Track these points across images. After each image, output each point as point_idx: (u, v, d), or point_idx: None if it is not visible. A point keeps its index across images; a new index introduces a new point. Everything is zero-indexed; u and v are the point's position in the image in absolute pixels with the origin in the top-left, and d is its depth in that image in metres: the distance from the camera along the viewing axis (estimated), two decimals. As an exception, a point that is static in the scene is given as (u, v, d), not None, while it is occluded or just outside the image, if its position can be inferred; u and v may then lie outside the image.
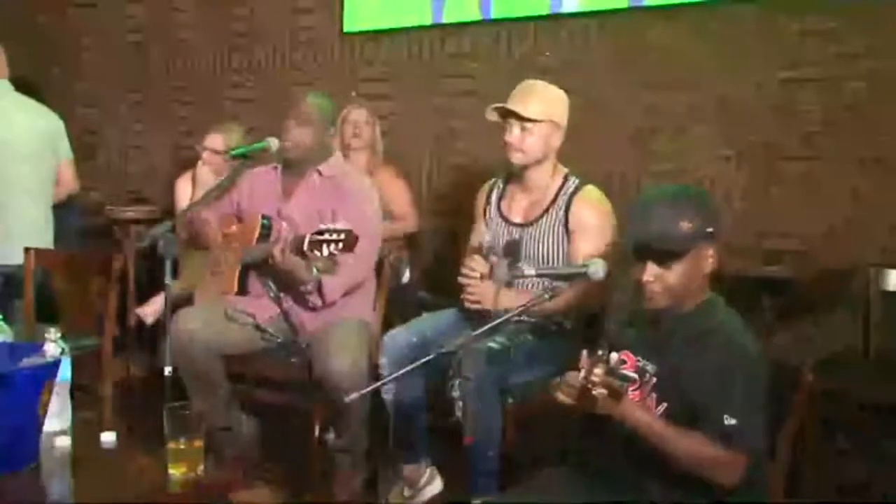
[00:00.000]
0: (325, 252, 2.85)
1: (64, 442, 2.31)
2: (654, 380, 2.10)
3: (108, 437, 2.33)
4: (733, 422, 1.94)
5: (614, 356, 1.95)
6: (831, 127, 3.44)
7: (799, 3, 3.53)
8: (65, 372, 2.33)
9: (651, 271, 2.08)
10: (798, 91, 3.50)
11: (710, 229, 2.08)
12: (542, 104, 2.96)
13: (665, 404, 2.06)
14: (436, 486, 3.05)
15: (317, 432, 3.15)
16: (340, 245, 2.84)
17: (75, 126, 4.11)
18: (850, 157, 3.41)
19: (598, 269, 2.34)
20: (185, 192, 4.26)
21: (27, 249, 3.64)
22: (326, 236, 2.84)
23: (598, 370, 1.91)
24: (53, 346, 2.33)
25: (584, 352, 2.00)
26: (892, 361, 3.19)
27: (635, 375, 2.06)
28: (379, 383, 2.70)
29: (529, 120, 2.93)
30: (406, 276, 3.98)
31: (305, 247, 2.88)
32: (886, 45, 3.32)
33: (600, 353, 1.95)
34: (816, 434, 3.11)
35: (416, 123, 4.52)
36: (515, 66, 4.17)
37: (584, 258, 2.86)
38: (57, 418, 2.32)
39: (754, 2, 3.62)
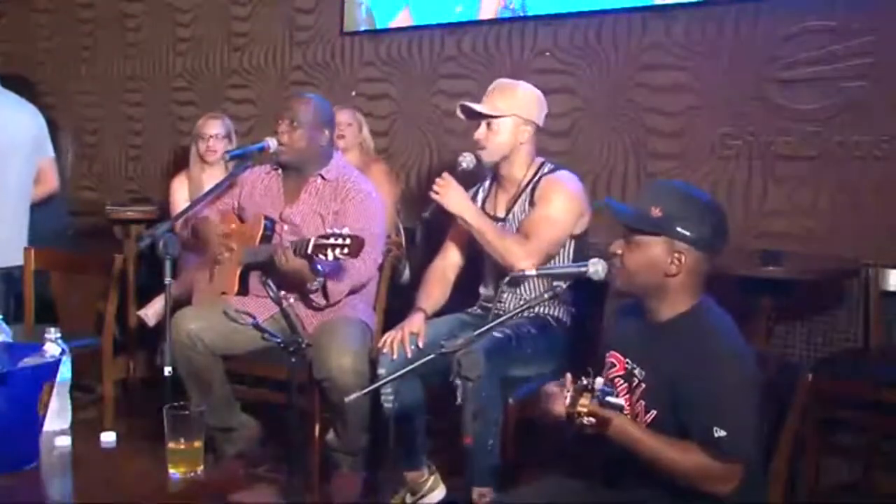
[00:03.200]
0: (330, 256, 2.85)
1: (64, 442, 2.30)
2: (643, 386, 2.08)
3: (108, 437, 2.32)
4: (722, 433, 1.90)
5: (599, 381, 1.92)
6: (831, 127, 3.43)
7: (799, 2, 3.52)
8: (65, 372, 2.33)
9: (617, 243, 2.11)
10: (798, 91, 3.50)
11: (683, 230, 2.03)
12: (506, 100, 2.99)
13: (654, 412, 2.04)
14: (438, 494, 3.04)
15: (317, 432, 3.15)
16: (346, 250, 2.84)
17: (75, 126, 4.10)
18: (851, 157, 3.40)
19: (598, 269, 2.33)
20: (181, 191, 4.25)
21: (27, 249, 3.64)
22: (332, 241, 2.84)
23: (584, 401, 1.88)
24: (53, 346, 2.33)
25: (569, 375, 1.98)
26: (891, 361, 3.18)
27: (623, 402, 2.01)
28: (379, 383, 2.69)
29: (490, 116, 2.96)
30: (406, 276, 3.98)
31: (310, 250, 2.88)
32: (887, 44, 3.32)
33: (584, 382, 1.91)
34: (816, 434, 3.11)
35: (416, 123, 4.52)
36: (515, 66, 4.17)
37: (532, 222, 2.92)
38: (57, 418, 2.32)
39: (755, 1, 3.61)
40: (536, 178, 3.00)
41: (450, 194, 2.94)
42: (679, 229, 2.03)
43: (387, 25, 4.61)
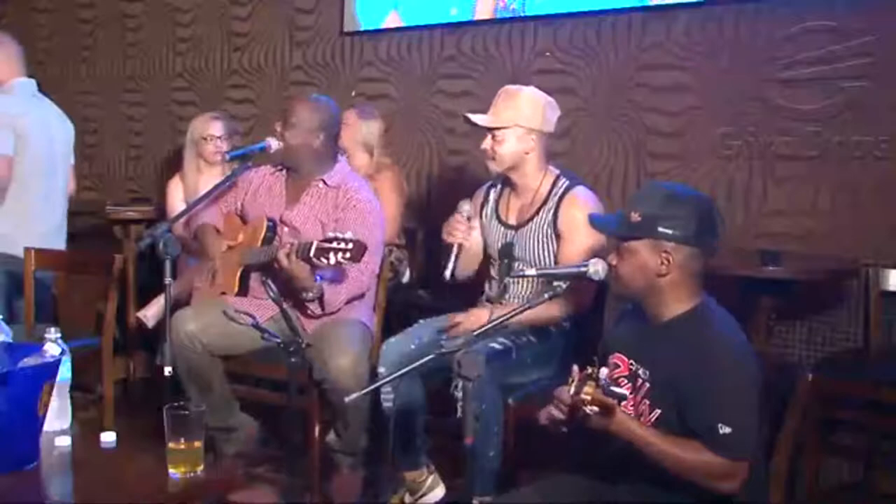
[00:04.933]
0: (332, 260, 2.84)
1: (64, 442, 2.30)
2: (647, 385, 2.09)
3: (108, 437, 2.32)
4: (727, 430, 1.92)
5: (604, 371, 1.93)
6: (831, 127, 3.43)
7: (799, 2, 3.52)
8: (65, 372, 2.33)
9: (611, 255, 2.17)
10: (798, 91, 3.50)
11: (666, 229, 2.05)
12: (510, 111, 2.96)
13: (658, 411, 2.05)
14: (437, 493, 3.04)
15: (317, 432, 3.15)
16: (348, 255, 2.83)
17: (75, 126, 4.12)
18: (851, 157, 3.40)
19: (598, 270, 2.33)
20: (176, 193, 4.24)
21: (27, 249, 3.64)
22: (335, 244, 2.83)
23: (589, 388, 1.89)
24: (53, 346, 2.33)
25: (575, 367, 1.99)
26: (891, 361, 3.18)
27: (627, 392, 2.03)
28: (379, 383, 2.70)
29: (493, 128, 2.95)
30: (406, 277, 3.98)
31: (312, 253, 2.88)
32: (887, 44, 3.32)
33: (590, 370, 1.92)
34: (816, 434, 3.11)
35: (416, 123, 4.52)
36: (515, 66, 4.17)
37: (571, 259, 2.88)
38: (57, 418, 2.32)
39: (755, 1, 3.61)
40: (555, 195, 2.97)
41: (473, 321, 2.81)
42: (661, 229, 2.06)
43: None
